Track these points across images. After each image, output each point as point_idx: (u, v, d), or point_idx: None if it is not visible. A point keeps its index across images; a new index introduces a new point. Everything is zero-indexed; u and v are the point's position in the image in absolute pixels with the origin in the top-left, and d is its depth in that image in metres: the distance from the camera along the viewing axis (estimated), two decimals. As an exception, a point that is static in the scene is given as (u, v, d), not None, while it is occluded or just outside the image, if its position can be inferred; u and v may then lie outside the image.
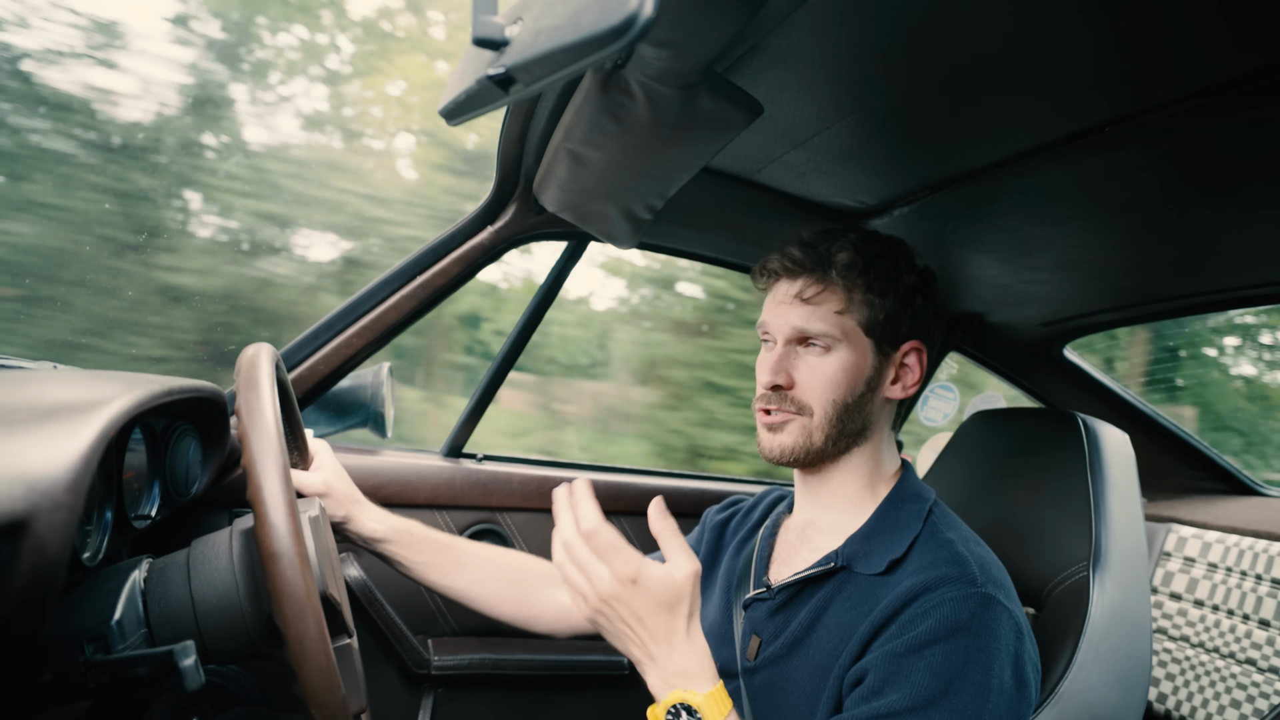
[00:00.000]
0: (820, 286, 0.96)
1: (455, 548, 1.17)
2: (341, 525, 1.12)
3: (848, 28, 0.79)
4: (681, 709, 0.77)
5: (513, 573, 1.19)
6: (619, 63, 0.81)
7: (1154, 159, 0.95)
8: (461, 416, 1.65)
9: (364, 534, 1.12)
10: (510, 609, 1.18)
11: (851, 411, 0.96)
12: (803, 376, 0.96)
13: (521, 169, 1.30)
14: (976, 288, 1.58)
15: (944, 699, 0.76)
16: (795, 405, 0.96)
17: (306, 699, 0.67)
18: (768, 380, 0.97)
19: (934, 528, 0.92)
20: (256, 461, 0.70)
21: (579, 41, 0.52)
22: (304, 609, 0.66)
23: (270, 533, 0.67)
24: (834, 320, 0.95)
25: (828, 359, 0.95)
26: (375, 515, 1.14)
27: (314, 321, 1.42)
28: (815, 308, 0.95)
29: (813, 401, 0.95)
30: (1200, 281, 1.39)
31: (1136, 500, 1.15)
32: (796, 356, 0.97)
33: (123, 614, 0.71)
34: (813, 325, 0.95)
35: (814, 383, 0.95)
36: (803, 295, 0.96)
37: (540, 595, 1.18)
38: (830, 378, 0.95)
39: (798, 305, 0.96)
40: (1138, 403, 2.00)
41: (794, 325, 0.96)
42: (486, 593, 1.17)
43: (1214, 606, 1.66)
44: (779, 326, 0.98)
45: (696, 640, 0.80)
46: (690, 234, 1.53)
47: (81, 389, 0.75)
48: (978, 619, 0.79)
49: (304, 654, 0.67)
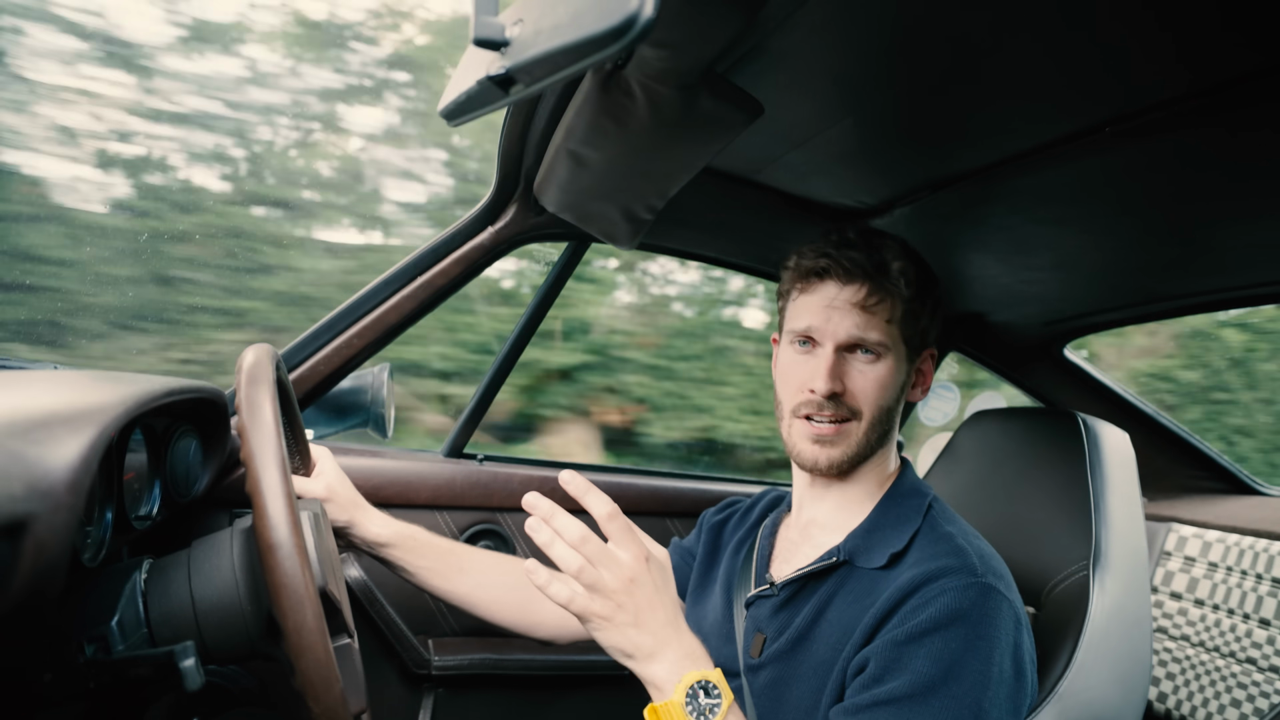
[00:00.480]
0: (880, 295, 0.94)
1: (458, 553, 1.17)
2: (345, 530, 1.12)
3: (848, 28, 0.79)
4: (700, 688, 0.77)
5: (515, 578, 1.19)
6: (619, 63, 0.81)
7: (1154, 159, 0.95)
8: (462, 417, 1.65)
9: (367, 539, 1.12)
10: (512, 615, 1.18)
11: (892, 416, 0.97)
12: (855, 384, 0.94)
13: (522, 169, 1.30)
14: (977, 287, 1.58)
15: (944, 686, 0.76)
16: (847, 410, 0.95)
17: (304, 692, 0.67)
18: (825, 388, 0.93)
19: (934, 522, 0.93)
20: (255, 455, 0.70)
21: (579, 42, 0.52)
22: (302, 600, 0.66)
23: (268, 524, 0.67)
24: (886, 329, 0.94)
25: (877, 366, 0.94)
26: (378, 520, 1.14)
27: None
28: (872, 316, 0.93)
29: (864, 406, 0.94)
30: (1200, 281, 1.39)
31: (1137, 499, 1.15)
32: (846, 363, 0.95)
33: (123, 614, 0.71)
34: (870, 334, 0.93)
35: (866, 390, 0.94)
36: (864, 303, 0.93)
37: (542, 601, 1.18)
38: (880, 384, 0.94)
39: (855, 312, 0.93)
40: (1138, 402, 2.00)
41: (851, 333, 0.93)
42: (488, 598, 1.17)
43: (1214, 606, 1.66)
44: (831, 331, 0.94)
45: (686, 623, 0.83)
46: (691, 234, 1.53)
47: (82, 390, 0.75)
48: (978, 608, 0.80)
49: (302, 646, 0.66)
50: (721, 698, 0.77)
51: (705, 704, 0.77)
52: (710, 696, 0.77)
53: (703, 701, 0.77)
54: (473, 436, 1.68)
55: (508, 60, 0.61)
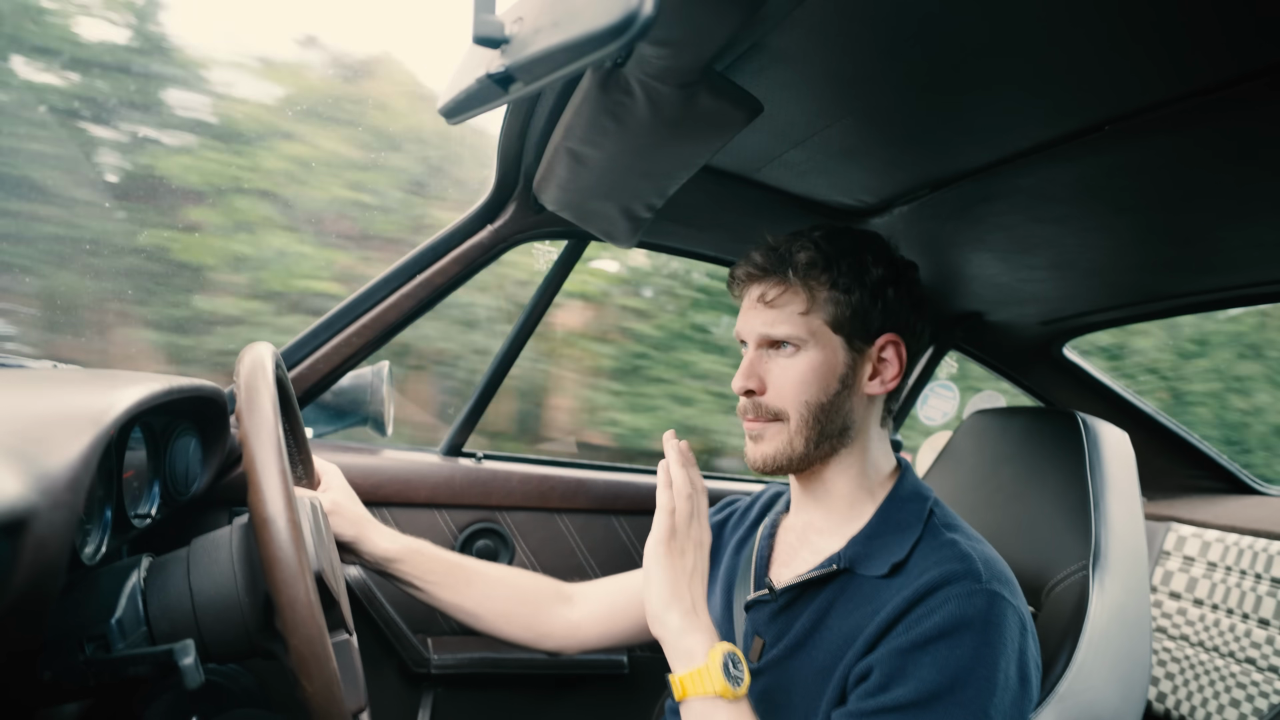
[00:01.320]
0: (781, 288, 0.95)
1: (465, 567, 1.17)
2: (352, 545, 1.11)
3: (847, 26, 0.79)
4: (729, 659, 0.82)
5: (522, 591, 1.18)
6: (619, 61, 0.81)
7: (1153, 158, 0.95)
8: (460, 416, 1.65)
9: (375, 553, 1.12)
10: (519, 629, 1.17)
11: (829, 411, 0.95)
12: (773, 380, 0.95)
13: (521, 167, 1.30)
14: (976, 286, 1.58)
15: (950, 694, 0.76)
16: (770, 411, 0.95)
17: (297, 670, 0.66)
18: (740, 385, 0.96)
19: (935, 528, 0.92)
20: (250, 436, 0.70)
21: (578, 40, 0.52)
22: (295, 575, 0.65)
23: (262, 499, 0.66)
24: (798, 321, 0.94)
25: (796, 360, 0.94)
26: (386, 535, 1.14)
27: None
28: (778, 310, 0.94)
29: (786, 405, 0.94)
30: (1199, 280, 1.40)
31: (1136, 499, 1.15)
32: (767, 360, 0.96)
33: (123, 613, 0.71)
34: (777, 329, 0.94)
35: (785, 386, 0.94)
36: (765, 299, 0.95)
37: (549, 614, 1.18)
38: (800, 379, 0.94)
39: (762, 309, 0.96)
40: (1137, 402, 2.00)
41: (759, 330, 0.96)
42: (496, 611, 1.16)
43: (1213, 605, 1.66)
44: (747, 332, 0.98)
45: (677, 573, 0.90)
46: (690, 233, 1.53)
47: (81, 388, 0.76)
48: (984, 615, 0.79)
49: (295, 621, 0.66)
50: (744, 674, 0.82)
51: (734, 674, 0.81)
52: (737, 669, 0.82)
53: (732, 671, 0.81)
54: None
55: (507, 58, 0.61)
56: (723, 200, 1.34)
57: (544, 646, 1.18)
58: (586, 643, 1.18)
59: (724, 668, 0.80)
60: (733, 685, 0.79)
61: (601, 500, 1.70)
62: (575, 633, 1.18)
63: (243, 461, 0.69)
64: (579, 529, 1.68)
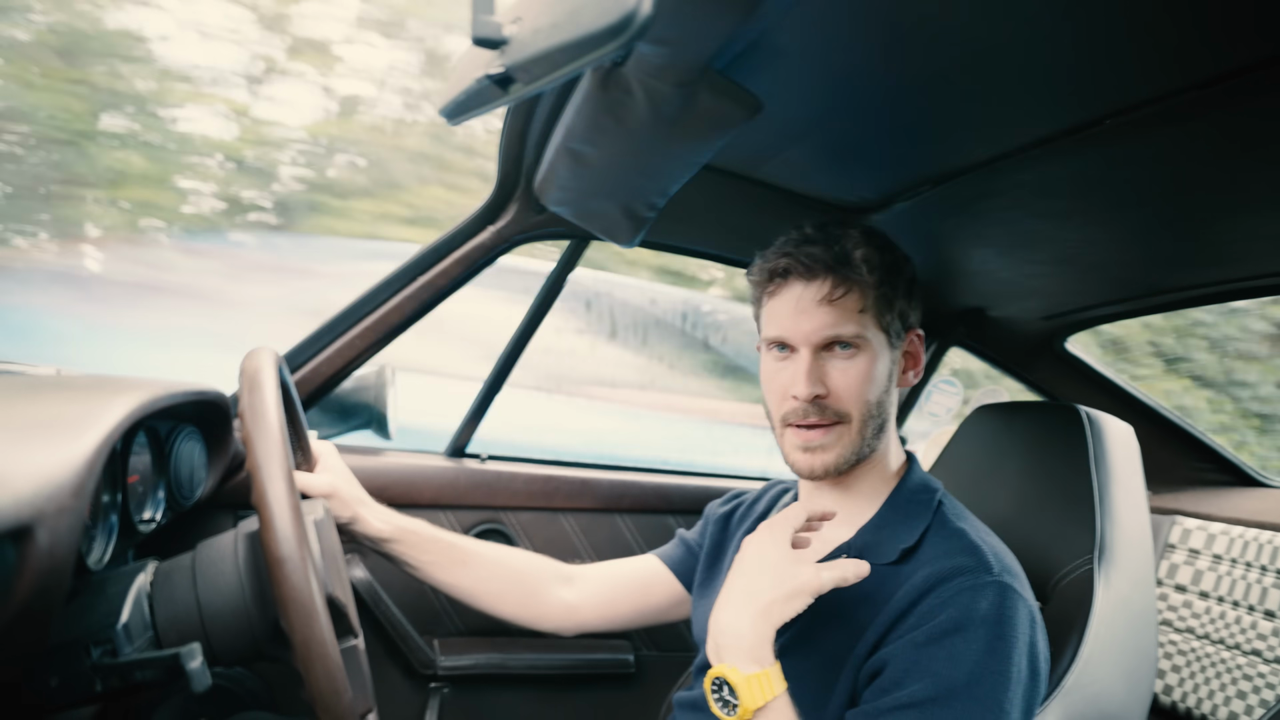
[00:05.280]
0: (846, 286, 0.92)
1: (460, 546, 1.17)
2: (348, 526, 1.12)
3: (846, 23, 0.79)
4: (723, 683, 0.78)
5: (518, 571, 1.19)
6: (618, 61, 0.81)
7: (1155, 152, 0.94)
8: (464, 417, 1.65)
9: (370, 534, 1.12)
10: (515, 608, 1.17)
11: (881, 408, 0.95)
12: (837, 383, 0.92)
13: (522, 168, 1.30)
14: (977, 282, 1.58)
15: (966, 688, 0.76)
16: (834, 413, 0.92)
17: (314, 702, 0.67)
18: (806, 392, 0.91)
19: (944, 518, 0.92)
20: (261, 466, 0.70)
21: (578, 40, 0.52)
22: (310, 613, 0.67)
23: (276, 538, 0.67)
24: (859, 319, 0.92)
25: (857, 361, 0.92)
26: (381, 515, 1.14)
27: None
28: (843, 310, 0.91)
29: (851, 407, 0.92)
30: (1201, 274, 1.39)
31: (1141, 493, 1.15)
32: (824, 362, 0.93)
33: (129, 617, 0.71)
34: (845, 328, 0.91)
35: (849, 387, 0.92)
36: (831, 297, 0.91)
37: (546, 593, 1.18)
38: (863, 378, 0.92)
39: (824, 308, 0.91)
40: (1141, 395, 2.00)
41: (825, 332, 0.92)
42: (492, 591, 1.16)
43: (1219, 598, 1.66)
44: (805, 334, 0.92)
45: (763, 626, 0.80)
46: (693, 231, 1.53)
47: (85, 393, 0.76)
48: (996, 608, 0.79)
49: (311, 658, 0.67)
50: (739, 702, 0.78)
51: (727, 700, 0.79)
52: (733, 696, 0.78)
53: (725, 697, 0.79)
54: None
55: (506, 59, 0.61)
56: (724, 198, 1.34)
57: (541, 626, 1.18)
58: (585, 624, 1.18)
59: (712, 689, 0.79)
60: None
61: (606, 500, 1.70)
62: (573, 614, 1.18)
63: (253, 495, 0.70)
64: (584, 529, 1.68)
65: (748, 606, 0.80)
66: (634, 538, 1.72)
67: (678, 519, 1.77)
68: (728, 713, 0.77)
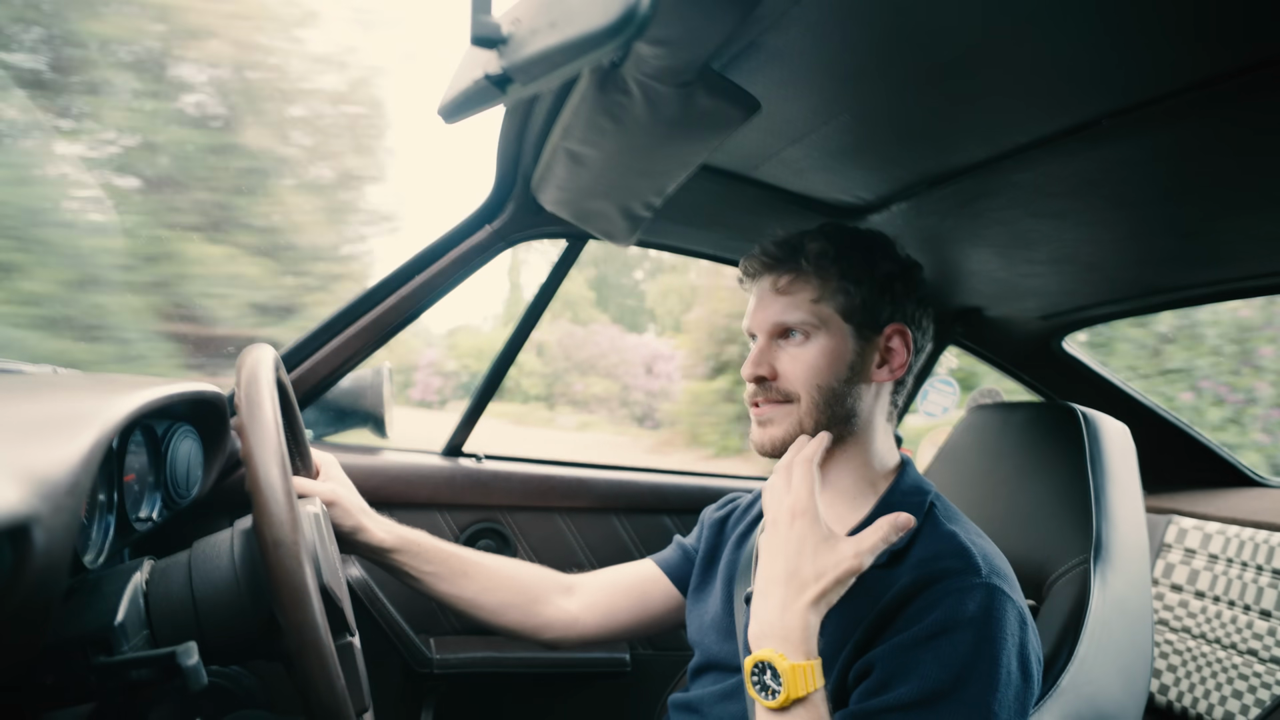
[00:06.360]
0: (793, 276, 0.98)
1: (462, 556, 1.17)
2: (351, 535, 1.11)
3: (843, 23, 0.79)
4: (767, 666, 0.76)
5: (520, 582, 1.18)
6: (616, 61, 0.81)
7: (1152, 152, 0.95)
8: (461, 416, 1.65)
9: (374, 543, 1.11)
10: (517, 619, 1.16)
11: (838, 396, 0.96)
12: (784, 366, 0.97)
13: (520, 168, 1.30)
14: (975, 282, 1.58)
15: (953, 691, 0.76)
16: (780, 394, 0.97)
17: (305, 690, 0.67)
18: (748, 372, 0.98)
19: (935, 520, 0.92)
20: (255, 453, 0.70)
21: (576, 40, 0.52)
22: (303, 598, 0.66)
23: (269, 522, 0.66)
24: (810, 308, 0.96)
25: (807, 346, 0.96)
26: (382, 526, 1.13)
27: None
28: (791, 298, 0.97)
29: (797, 388, 0.96)
30: (1198, 273, 1.40)
31: (1137, 492, 1.15)
32: (778, 349, 0.98)
33: (125, 616, 0.71)
34: (790, 315, 0.97)
35: (796, 370, 0.96)
36: (777, 286, 0.98)
37: (547, 604, 1.17)
38: (811, 363, 0.96)
39: (775, 298, 0.98)
40: (1137, 395, 2.00)
41: (772, 318, 0.98)
42: (494, 602, 1.15)
43: (1215, 598, 1.66)
44: (760, 321, 0.99)
45: (812, 617, 0.79)
46: (688, 231, 1.53)
47: (82, 392, 0.76)
48: (985, 610, 0.79)
49: (303, 644, 0.66)
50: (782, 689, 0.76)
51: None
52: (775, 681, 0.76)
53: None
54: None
55: (505, 59, 0.61)
56: (721, 198, 1.34)
57: (543, 638, 1.17)
58: (586, 634, 1.18)
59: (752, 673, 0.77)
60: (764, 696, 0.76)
61: (602, 499, 1.70)
62: (574, 625, 1.17)
63: (247, 481, 0.69)
64: (580, 528, 1.68)
65: (795, 598, 0.79)
66: (630, 537, 1.72)
67: (673, 518, 1.77)
68: (766, 697, 0.76)
